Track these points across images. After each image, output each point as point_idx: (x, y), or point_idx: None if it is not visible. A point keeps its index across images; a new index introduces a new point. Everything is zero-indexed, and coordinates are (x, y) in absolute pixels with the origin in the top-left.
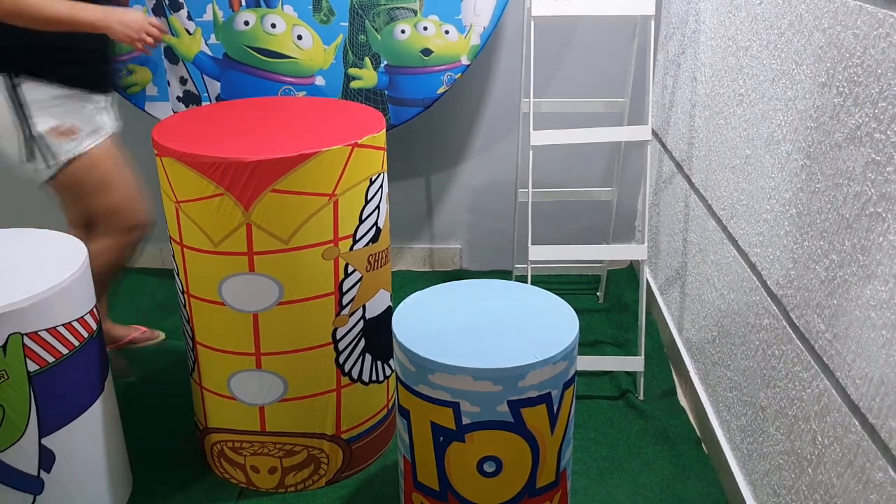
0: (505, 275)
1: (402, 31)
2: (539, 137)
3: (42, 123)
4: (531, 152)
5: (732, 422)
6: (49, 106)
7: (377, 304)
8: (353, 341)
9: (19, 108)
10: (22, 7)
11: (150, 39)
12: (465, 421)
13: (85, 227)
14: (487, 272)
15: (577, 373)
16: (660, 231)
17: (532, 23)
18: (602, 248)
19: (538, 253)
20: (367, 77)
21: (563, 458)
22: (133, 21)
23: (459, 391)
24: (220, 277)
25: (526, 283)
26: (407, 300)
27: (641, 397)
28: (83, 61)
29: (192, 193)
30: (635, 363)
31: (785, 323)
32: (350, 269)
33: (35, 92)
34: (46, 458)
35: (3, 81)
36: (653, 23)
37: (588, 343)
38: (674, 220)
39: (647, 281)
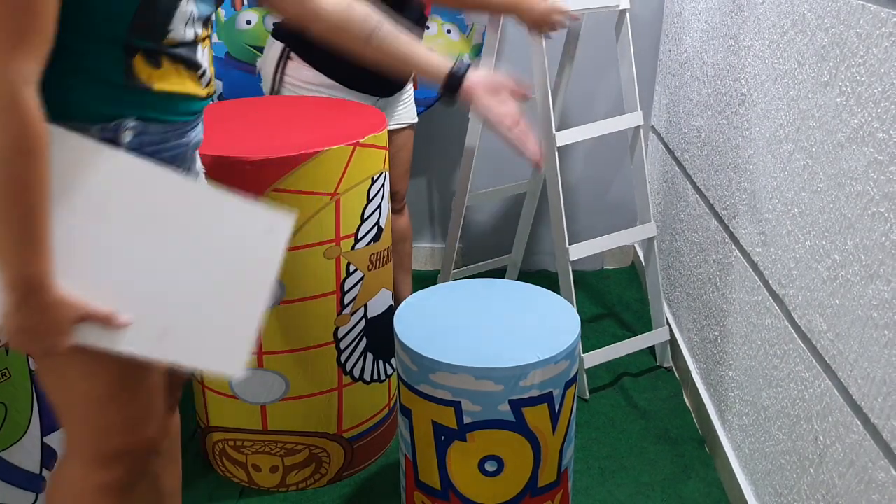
0: (502, 274)
1: None
2: (563, 137)
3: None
4: (556, 152)
5: (734, 421)
6: (303, 90)
7: (379, 303)
8: (355, 340)
9: (280, 75)
10: None
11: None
12: (467, 420)
13: None
14: (489, 272)
15: (596, 367)
16: (661, 231)
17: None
18: (622, 233)
19: (577, 251)
20: None
21: (565, 458)
22: None
23: (461, 390)
24: None
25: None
26: (409, 299)
27: (668, 364)
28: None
29: None
30: (661, 334)
31: (787, 322)
32: (352, 268)
33: (297, 72)
34: (49, 457)
35: (281, 49)
36: (628, 16)
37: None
38: (675, 220)
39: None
